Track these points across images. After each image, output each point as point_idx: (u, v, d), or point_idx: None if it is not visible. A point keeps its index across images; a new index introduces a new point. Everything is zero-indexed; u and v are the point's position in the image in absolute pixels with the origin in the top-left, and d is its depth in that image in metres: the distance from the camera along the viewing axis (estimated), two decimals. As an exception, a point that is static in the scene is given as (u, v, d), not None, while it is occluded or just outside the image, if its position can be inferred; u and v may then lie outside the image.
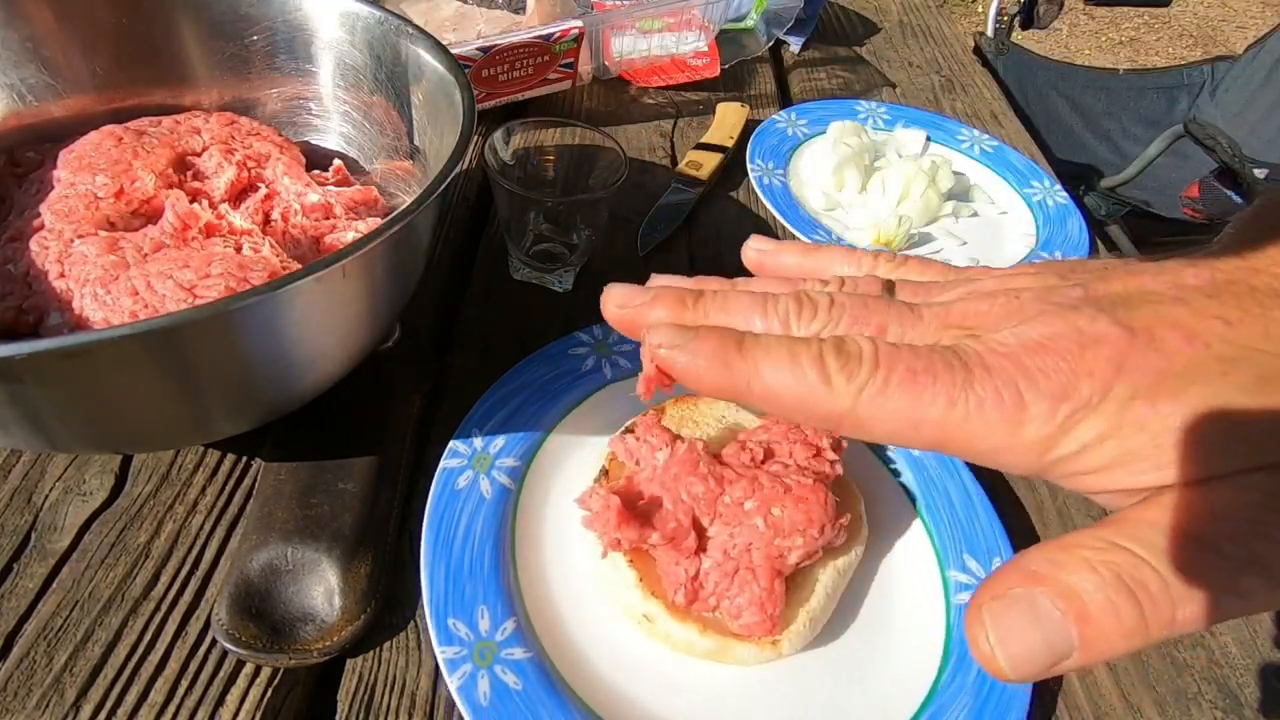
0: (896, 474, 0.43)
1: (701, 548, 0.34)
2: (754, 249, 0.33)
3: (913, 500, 0.42)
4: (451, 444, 0.40)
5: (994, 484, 0.45)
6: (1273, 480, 0.20)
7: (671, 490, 0.35)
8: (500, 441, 0.41)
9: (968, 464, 0.43)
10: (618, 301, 0.27)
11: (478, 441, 0.41)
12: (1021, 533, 0.43)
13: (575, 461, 0.41)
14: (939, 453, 0.23)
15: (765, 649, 0.34)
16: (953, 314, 0.24)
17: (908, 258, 0.29)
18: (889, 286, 0.27)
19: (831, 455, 0.38)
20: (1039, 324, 0.22)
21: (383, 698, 0.34)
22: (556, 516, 0.39)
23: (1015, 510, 0.44)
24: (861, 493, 0.40)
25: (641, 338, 0.26)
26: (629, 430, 0.39)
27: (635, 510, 0.34)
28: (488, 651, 0.33)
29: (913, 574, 0.39)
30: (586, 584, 0.37)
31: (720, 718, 0.34)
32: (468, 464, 0.40)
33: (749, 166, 0.65)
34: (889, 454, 0.44)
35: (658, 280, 0.30)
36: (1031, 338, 0.22)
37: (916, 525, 0.41)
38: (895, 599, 0.39)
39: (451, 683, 0.32)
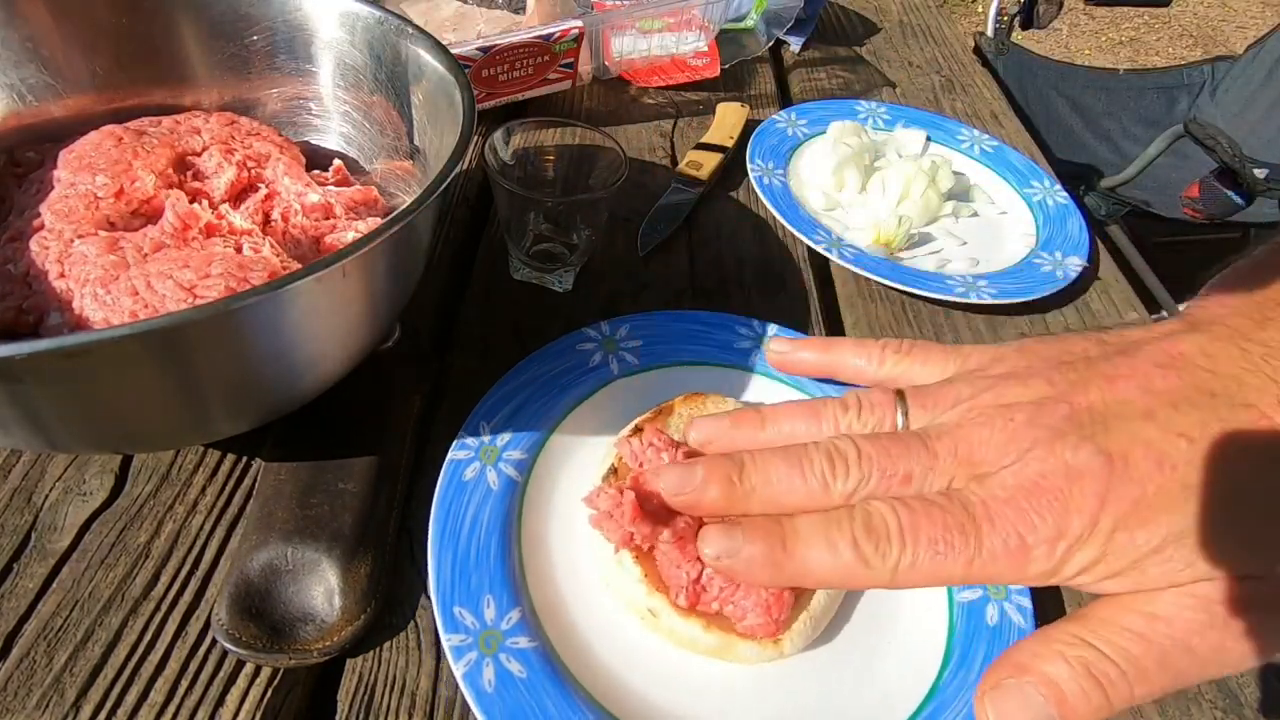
0: None
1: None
2: (775, 351, 0.38)
3: None
4: (459, 436, 0.41)
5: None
6: (1211, 589, 0.25)
7: None
8: (507, 435, 0.41)
9: None
10: (673, 490, 0.32)
11: (485, 434, 0.41)
12: None
13: (582, 455, 0.42)
14: None
15: (767, 648, 0.34)
16: (960, 449, 0.28)
17: (912, 345, 0.34)
18: (900, 400, 0.31)
19: None
20: (1033, 460, 0.27)
21: (383, 698, 0.34)
22: (562, 509, 0.40)
23: None
24: None
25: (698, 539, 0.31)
26: (636, 430, 0.39)
27: (645, 508, 0.34)
28: (493, 640, 0.34)
29: None
30: (591, 577, 0.37)
31: (722, 713, 0.34)
32: (475, 456, 0.40)
33: (749, 166, 0.65)
34: None
35: (695, 429, 0.35)
36: (1028, 477, 0.27)
37: None
38: (898, 598, 0.39)
39: (457, 669, 0.33)
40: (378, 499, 0.38)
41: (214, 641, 0.34)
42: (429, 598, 0.37)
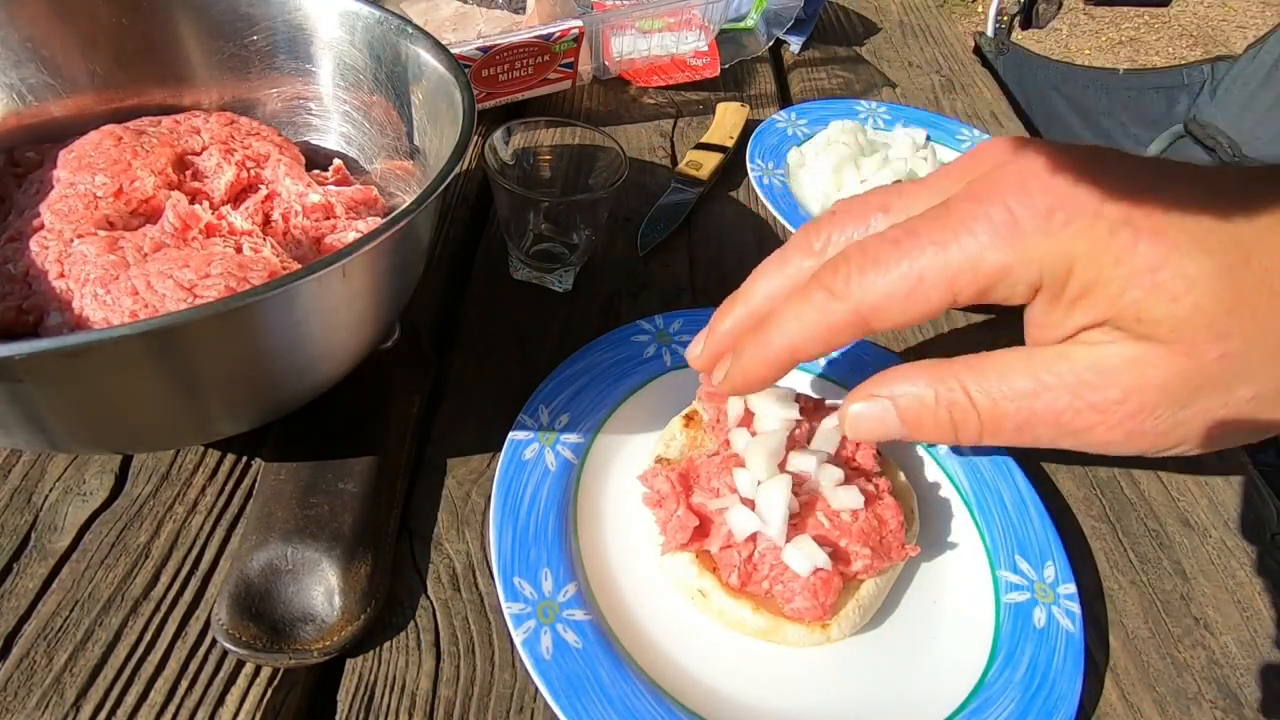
0: (950, 475, 0.44)
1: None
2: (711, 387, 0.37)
3: (965, 500, 0.43)
4: (520, 417, 0.42)
5: (1047, 488, 0.45)
6: (1135, 352, 0.23)
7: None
8: (565, 418, 0.43)
9: (1021, 467, 0.43)
10: (696, 350, 0.34)
11: (544, 416, 0.43)
12: (1074, 535, 0.43)
13: (635, 441, 0.43)
14: (956, 307, 0.25)
15: (815, 632, 0.35)
16: (951, 170, 0.26)
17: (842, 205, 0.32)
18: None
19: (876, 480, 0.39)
20: (1044, 150, 0.23)
21: (383, 698, 0.34)
22: (615, 492, 0.41)
23: (1067, 514, 0.44)
24: (915, 489, 0.41)
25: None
26: (689, 417, 0.41)
27: (692, 488, 0.37)
28: (550, 610, 0.35)
29: (963, 571, 0.40)
30: (644, 556, 0.39)
31: (768, 695, 0.35)
32: (534, 437, 0.42)
33: (749, 166, 0.65)
34: (941, 455, 0.45)
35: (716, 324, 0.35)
36: (1031, 161, 0.23)
37: (968, 524, 0.42)
38: (945, 594, 0.39)
39: (516, 636, 0.34)
40: (378, 499, 0.38)
41: (214, 641, 0.34)
42: (429, 598, 0.37)
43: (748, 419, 0.39)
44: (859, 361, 0.48)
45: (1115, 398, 0.23)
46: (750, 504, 0.36)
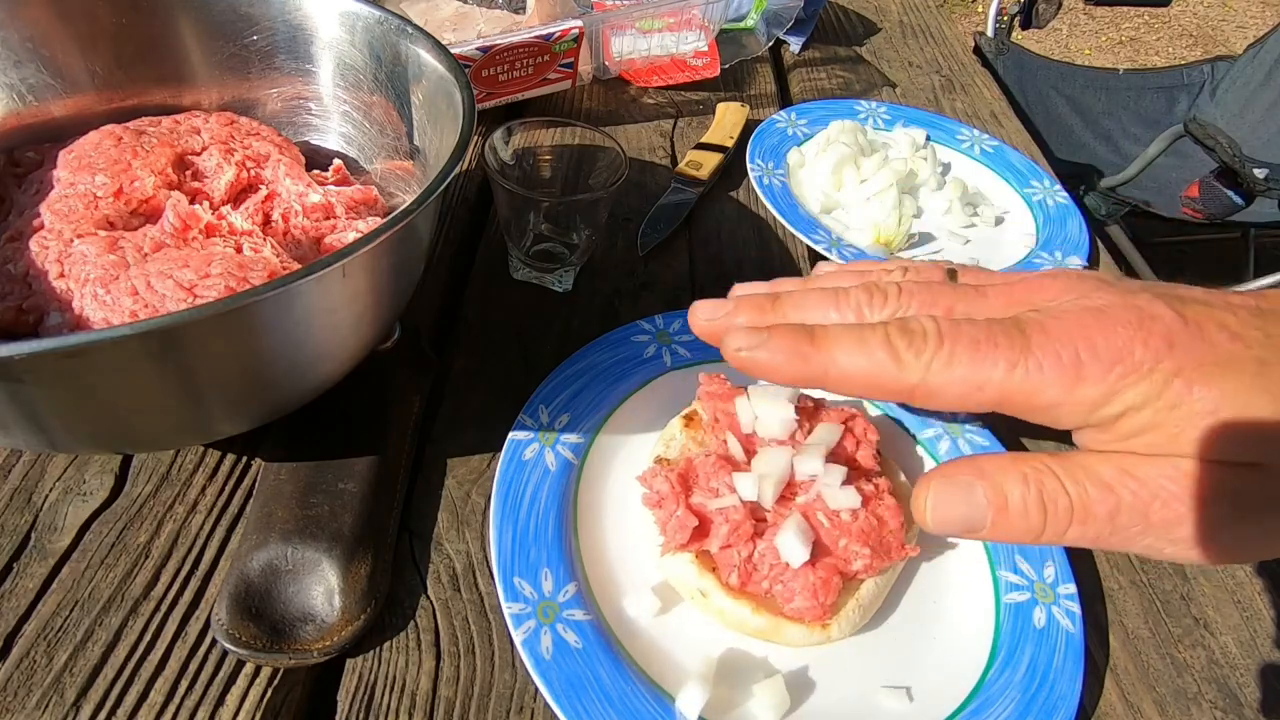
0: None
1: (759, 532, 0.35)
2: (703, 319, 0.32)
3: None
4: (520, 417, 0.42)
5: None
6: (1209, 469, 0.23)
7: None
8: (565, 418, 0.43)
9: None
10: (705, 315, 0.30)
11: (544, 416, 0.43)
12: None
13: (635, 442, 0.43)
14: (999, 411, 0.26)
15: (815, 632, 0.35)
16: (1016, 291, 0.26)
17: (966, 266, 0.32)
18: (951, 274, 0.29)
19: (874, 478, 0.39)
20: (1100, 297, 0.25)
21: (383, 698, 0.34)
22: (616, 492, 0.41)
23: None
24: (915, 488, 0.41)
25: (722, 338, 0.29)
26: (689, 419, 0.41)
27: (692, 488, 0.37)
28: (550, 610, 0.35)
29: (963, 571, 0.40)
30: (644, 556, 0.39)
31: (768, 695, 0.35)
32: (534, 437, 0.42)
33: (749, 166, 0.65)
34: (942, 454, 0.45)
35: (738, 290, 0.32)
36: (1092, 305, 0.25)
37: None
38: (945, 594, 0.39)
39: (516, 636, 0.34)
40: (378, 499, 0.38)
41: (214, 641, 0.34)
42: (429, 598, 0.37)
43: (750, 441, 0.39)
44: None
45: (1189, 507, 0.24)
46: (759, 520, 0.36)
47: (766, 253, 0.59)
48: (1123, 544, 0.25)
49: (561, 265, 0.52)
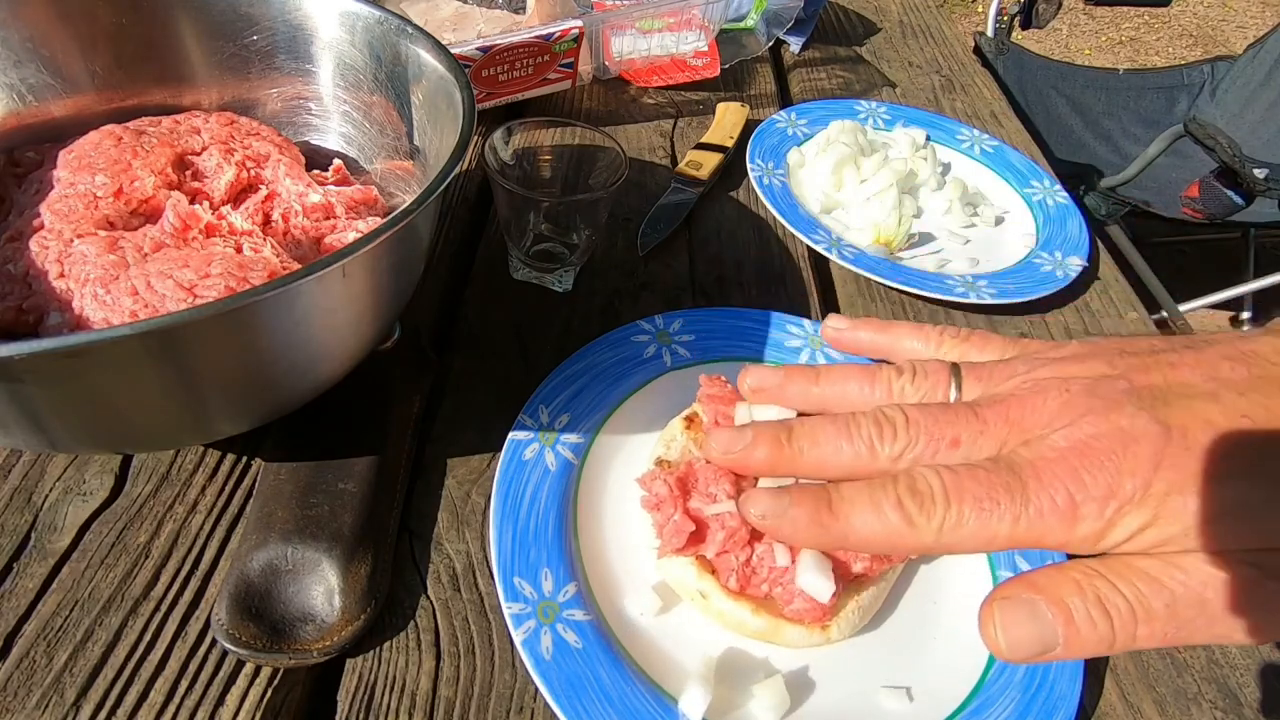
0: None
1: (757, 537, 0.35)
2: (832, 328, 0.37)
3: None
4: (520, 417, 0.42)
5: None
6: (1261, 557, 0.24)
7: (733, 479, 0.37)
8: (565, 418, 0.43)
9: None
10: (723, 448, 0.32)
11: (544, 416, 0.43)
12: None
13: (635, 442, 0.43)
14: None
15: (815, 633, 0.35)
16: (1011, 414, 0.28)
17: (971, 332, 0.34)
18: (955, 372, 0.31)
19: None
20: (1086, 424, 0.26)
21: (383, 698, 0.34)
22: (616, 493, 0.41)
23: None
24: None
25: (739, 502, 0.31)
26: (689, 419, 0.41)
27: (690, 492, 0.37)
28: (550, 610, 0.35)
29: (963, 571, 0.40)
30: (644, 556, 0.39)
31: (767, 696, 0.35)
32: (534, 437, 0.42)
33: (749, 166, 0.65)
34: None
35: (751, 377, 0.34)
36: (1079, 438, 0.26)
37: None
38: (945, 594, 0.39)
39: (516, 636, 0.34)
40: (378, 499, 0.38)
41: (214, 641, 0.34)
42: (429, 598, 0.37)
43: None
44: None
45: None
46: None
47: (766, 253, 0.59)
48: (1196, 637, 0.25)
49: (561, 265, 0.52)
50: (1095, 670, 0.38)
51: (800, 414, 0.34)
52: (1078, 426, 0.26)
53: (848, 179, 0.65)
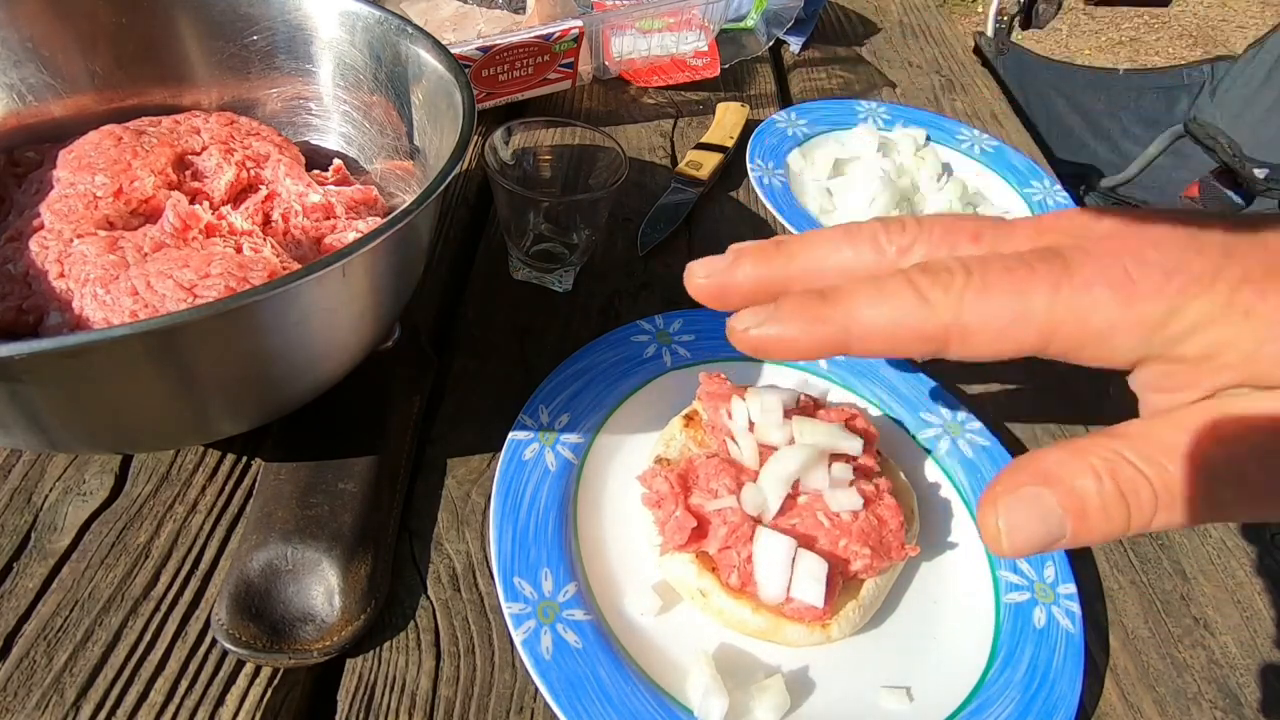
0: (950, 475, 0.44)
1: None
2: (700, 277, 0.28)
3: (965, 500, 0.43)
4: (520, 417, 0.42)
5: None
6: None
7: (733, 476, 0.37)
8: (565, 418, 0.43)
9: None
10: (703, 272, 0.26)
11: (544, 416, 0.43)
12: None
13: (634, 441, 0.43)
14: (1047, 354, 0.22)
15: (815, 632, 0.35)
16: (1045, 221, 0.24)
17: (935, 219, 0.27)
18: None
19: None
20: (1146, 215, 0.22)
21: (383, 698, 0.34)
22: (616, 492, 0.41)
23: None
24: (915, 489, 0.41)
25: (727, 326, 0.25)
26: (689, 417, 0.41)
27: (691, 489, 0.37)
28: (550, 610, 0.35)
29: (963, 571, 0.40)
30: (644, 556, 0.39)
31: (767, 695, 0.35)
32: (534, 437, 0.42)
33: (749, 166, 0.65)
34: (941, 454, 0.45)
35: (736, 245, 0.27)
36: (1134, 222, 0.22)
37: (968, 524, 0.42)
38: (945, 594, 0.39)
39: (516, 636, 0.34)
40: (378, 499, 0.38)
41: (214, 641, 0.34)
42: (429, 598, 0.37)
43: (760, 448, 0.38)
44: (863, 362, 0.48)
45: None
46: (756, 521, 0.36)
47: (766, 253, 0.59)
48: (1227, 516, 0.22)
49: (561, 265, 0.52)
50: (1095, 670, 0.38)
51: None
52: (1135, 218, 0.22)
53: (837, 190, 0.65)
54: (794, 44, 0.87)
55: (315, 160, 0.48)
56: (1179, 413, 0.22)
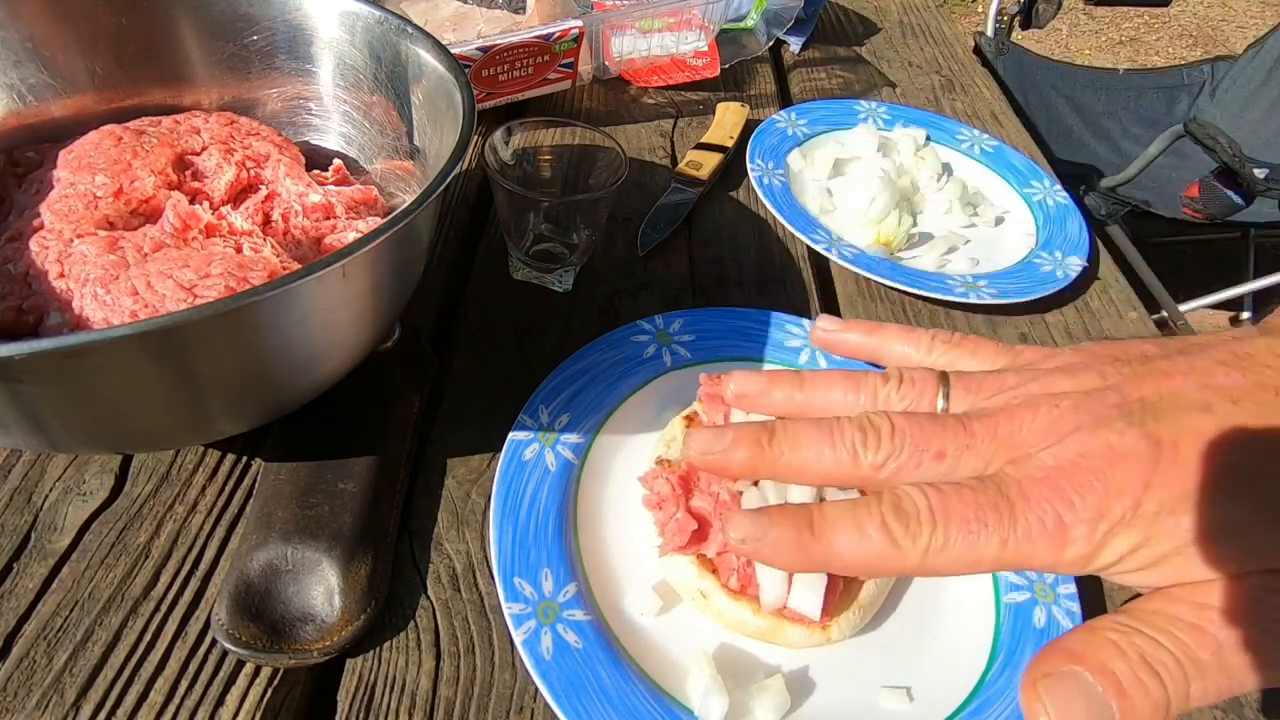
0: None
1: None
2: (822, 330, 0.36)
3: None
4: (520, 417, 0.42)
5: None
6: (1270, 580, 0.23)
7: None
8: (565, 418, 0.43)
9: None
10: (701, 449, 0.31)
11: (544, 416, 0.43)
12: None
13: (635, 442, 0.43)
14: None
15: (815, 633, 0.35)
16: (1000, 430, 0.27)
17: (963, 338, 0.33)
18: (944, 380, 0.30)
19: None
20: (1074, 442, 0.25)
21: (383, 698, 0.34)
22: (616, 492, 0.41)
23: None
24: None
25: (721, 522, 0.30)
26: (690, 418, 0.41)
27: (692, 491, 0.37)
28: (550, 611, 0.35)
29: None
30: (644, 556, 0.39)
31: (767, 696, 0.35)
32: (534, 437, 0.42)
33: (749, 166, 0.65)
34: None
35: (735, 382, 0.33)
36: (1067, 458, 0.25)
37: None
38: (945, 594, 0.39)
39: (516, 636, 0.34)
40: (378, 499, 0.38)
41: (214, 641, 0.34)
42: (429, 598, 0.37)
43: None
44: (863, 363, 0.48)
45: None
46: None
47: (766, 253, 0.59)
48: (1244, 686, 0.23)
49: (561, 265, 0.52)
50: (1095, 670, 0.38)
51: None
52: (1066, 445, 0.26)
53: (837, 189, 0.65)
54: (794, 44, 0.87)
55: (315, 160, 0.48)
56: (1174, 591, 0.24)
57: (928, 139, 0.72)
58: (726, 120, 0.70)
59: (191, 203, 0.41)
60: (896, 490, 0.27)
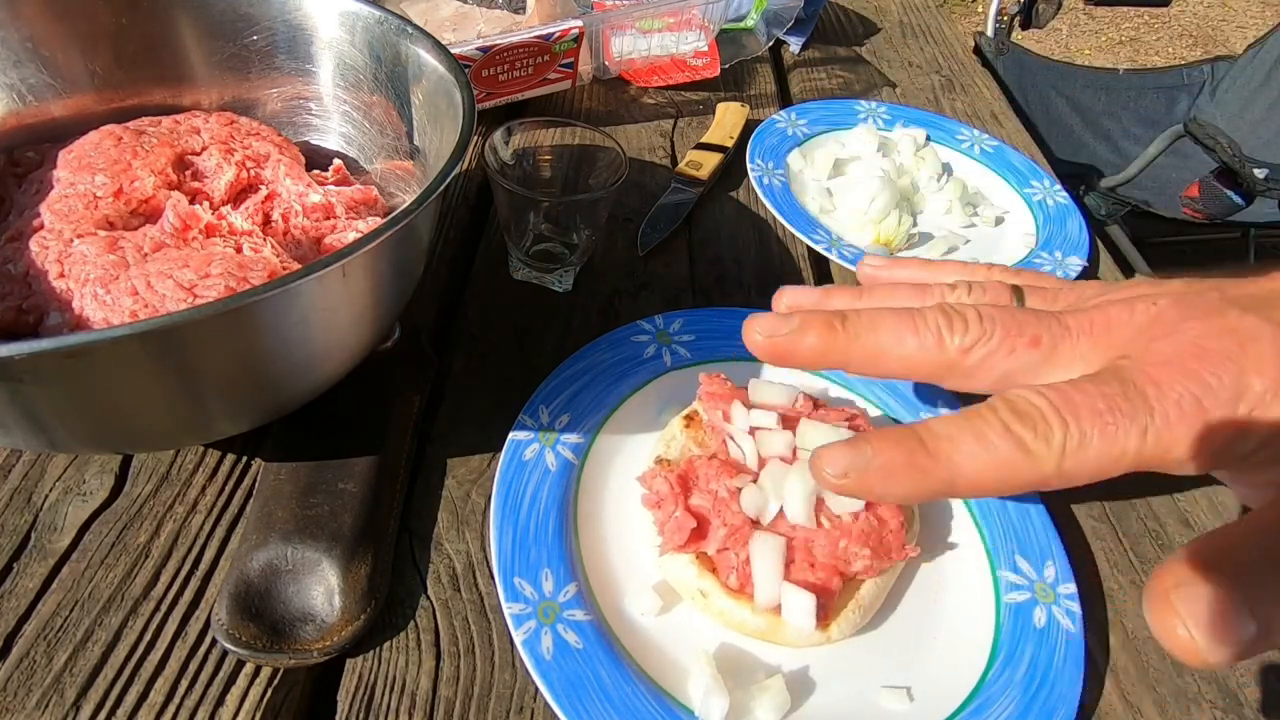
0: None
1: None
2: (870, 265, 0.33)
3: (965, 500, 0.43)
4: (520, 417, 0.42)
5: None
6: None
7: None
8: (565, 418, 0.43)
9: None
10: (764, 331, 0.27)
11: (544, 416, 0.43)
12: (1074, 535, 0.43)
13: (635, 442, 0.43)
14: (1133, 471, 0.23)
15: (815, 633, 0.35)
16: (1096, 324, 0.24)
17: (1021, 270, 0.30)
18: (1017, 293, 0.27)
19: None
20: (1189, 329, 0.23)
21: (383, 698, 0.34)
22: (616, 493, 0.41)
23: (1067, 514, 0.44)
24: None
25: (811, 464, 0.25)
26: (689, 418, 0.41)
27: (691, 489, 0.37)
28: (551, 611, 0.35)
29: (963, 571, 0.40)
30: (644, 556, 0.39)
31: (767, 695, 0.35)
32: (534, 437, 0.42)
33: (749, 166, 0.65)
34: None
35: (787, 296, 0.30)
36: (1187, 343, 0.23)
37: (968, 524, 0.42)
38: (946, 594, 0.39)
39: (516, 636, 0.34)
40: (378, 499, 0.38)
41: (214, 641, 0.34)
42: (429, 598, 0.37)
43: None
44: None
45: None
46: (755, 523, 0.36)
47: (766, 253, 0.59)
48: None
49: (561, 265, 0.52)
50: (1095, 670, 0.38)
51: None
52: (1181, 332, 0.23)
53: (836, 189, 0.65)
54: (794, 44, 0.87)
55: (315, 160, 0.48)
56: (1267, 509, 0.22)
57: (928, 139, 0.72)
58: (726, 120, 0.70)
59: (191, 203, 0.41)
60: (1006, 394, 0.24)
